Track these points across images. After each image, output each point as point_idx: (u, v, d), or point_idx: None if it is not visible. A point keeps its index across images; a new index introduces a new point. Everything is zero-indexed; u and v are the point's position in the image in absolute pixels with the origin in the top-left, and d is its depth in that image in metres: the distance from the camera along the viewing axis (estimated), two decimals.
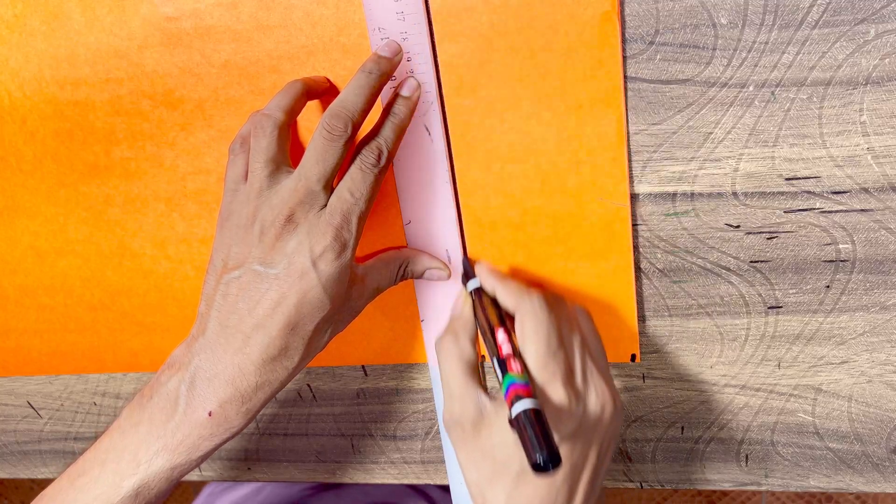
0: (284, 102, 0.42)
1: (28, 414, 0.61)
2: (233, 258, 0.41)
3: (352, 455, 0.57)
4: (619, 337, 0.48)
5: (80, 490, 0.42)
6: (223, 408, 0.41)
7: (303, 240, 0.39)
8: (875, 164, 0.42)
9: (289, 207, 0.39)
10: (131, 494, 0.41)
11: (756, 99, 0.42)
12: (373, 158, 0.41)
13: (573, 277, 0.47)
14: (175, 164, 0.49)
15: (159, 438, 0.41)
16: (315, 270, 0.39)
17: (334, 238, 0.39)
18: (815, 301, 0.46)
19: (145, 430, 0.41)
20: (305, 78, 0.43)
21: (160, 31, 0.45)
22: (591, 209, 0.45)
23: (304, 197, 0.40)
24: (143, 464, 0.41)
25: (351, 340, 0.52)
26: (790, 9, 0.40)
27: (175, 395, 0.41)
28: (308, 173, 0.40)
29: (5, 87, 0.48)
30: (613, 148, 0.43)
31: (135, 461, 0.41)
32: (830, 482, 0.51)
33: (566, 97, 0.43)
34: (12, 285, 0.55)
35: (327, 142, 0.40)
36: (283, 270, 0.39)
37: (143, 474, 0.41)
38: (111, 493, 0.41)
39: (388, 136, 0.41)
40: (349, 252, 0.40)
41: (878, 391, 0.48)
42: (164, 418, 0.41)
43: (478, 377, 0.43)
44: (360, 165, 0.40)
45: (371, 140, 0.41)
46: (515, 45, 0.42)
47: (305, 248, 0.39)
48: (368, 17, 0.42)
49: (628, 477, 0.54)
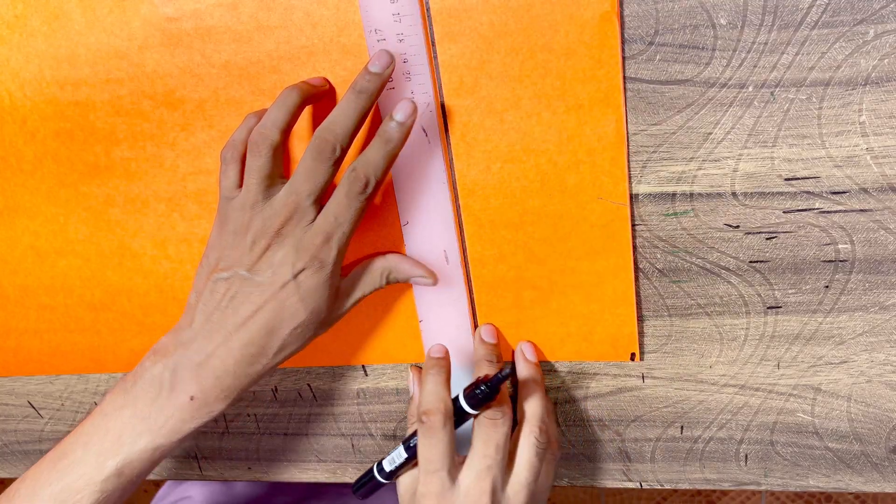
0: (280, 119, 0.43)
1: (29, 414, 0.61)
2: (224, 259, 0.44)
3: (352, 455, 0.57)
4: (618, 336, 0.48)
5: (63, 471, 0.44)
6: (204, 393, 0.44)
7: (288, 253, 0.42)
8: (874, 164, 0.42)
9: (279, 221, 0.42)
10: (115, 473, 0.43)
11: (755, 99, 0.42)
12: (359, 186, 0.42)
13: (573, 277, 0.47)
14: (175, 165, 0.49)
15: (143, 420, 0.44)
16: (295, 283, 0.43)
17: (315, 256, 0.43)
18: (815, 301, 0.46)
19: (129, 413, 0.44)
20: (302, 84, 0.44)
21: (161, 32, 0.45)
22: (591, 209, 0.45)
23: (294, 212, 0.42)
24: (127, 444, 0.44)
25: (351, 340, 0.52)
26: (789, 9, 0.40)
27: (160, 380, 0.44)
28: (298, 189, 0.42)
29: (6, 87, 0.48)
30: (613, 148, 0.43)
31: (118, 442, 0.44)
32: (830, 482, 0.52)
33: (566, 97, 0.43)
34: (13, 285, 0.55)
35: (317, 162, 0.42)
36: (267, 279, 0.43)
37: (126, 454, 0.44)
38: (94, 473, 0.43)
39: (378, 164, 0.43)
40: (328, 269, 0.43)
41: (878, 391, 0.48)
42: (149, 401, 0.44)
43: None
44: (346, 192, 0.42)
45: (360, 167, 0.42)
46: (515, 46, 0.42)
47: (289, 262, 0.42)
48: (365, 18, 0.43)
49: (628, 477, 0.54)
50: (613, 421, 0.52)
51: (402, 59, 0.43)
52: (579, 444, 0.53)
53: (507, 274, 0.48)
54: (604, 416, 0.52)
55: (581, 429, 0.53)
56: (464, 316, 0.49)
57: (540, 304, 0.48)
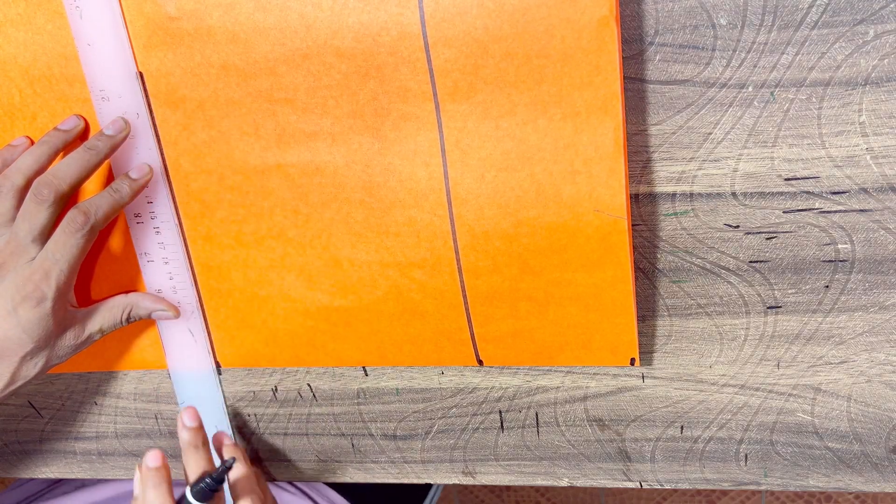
0: (27, 167, 0.47)
1: (29, 413, 0.61)
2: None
3: (352, 455, 0.57)
4: (617, 343, 0.48)
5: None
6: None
7: (8, 286, 0.46)
8: (874, 164, 0.42)
9: (2, 257, 0.46)
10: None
11: (755, 99, 0.42)
12: (79, 222, 0.45)
13: (569, 289, 0.47)
14: (177, 164, 0.49)
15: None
16: (15, 315, 0.46)
17: (33, 290, 0.46)
18: (815, 301, 0.46)
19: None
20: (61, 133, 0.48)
21: (162, 31, 0.46)
22: (588, 221, 0.44)
23: (14, 249, 0.46)
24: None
25: (351, 340, 0.52)
26: (789, 9, 0.40)
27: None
28: (17, 229, 0.46)
29: (16, 84, 0.49)
30: (611, 158, 0.43)
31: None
32: (829, 482, 0.52)
33: (563, 104, 0.42)
34: None
35: (33, 204, 0.45)
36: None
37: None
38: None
39: (100, 206, 0.46)
40: (49, 303, 0.46)
41: (878, 391, 0.48)
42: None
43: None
44: (65, 228, 0.46)
45: (82, 205, 0.46)
46: (511, 51, 0.42)
47: (9, 294, 0.46)
48: (89, 79, 0.47)
49: (628, 477, 0.54)
50: (613, 421, 0.52)
51: (134, 117, 0.47)
52: (579, 444, 0.53)
53: (502, 285, 0.47)
54: (603, 416, 0.52)
55: (581, 429, 0.53)
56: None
57: (536, 315, 0.48)
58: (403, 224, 0.47)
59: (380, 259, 0.49)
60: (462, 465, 0.56)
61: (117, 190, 0.47)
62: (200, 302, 0.52)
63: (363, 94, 0.45)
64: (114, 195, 0.47)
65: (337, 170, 0.47)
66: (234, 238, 0.50)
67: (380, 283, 0.49)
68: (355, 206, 0.47)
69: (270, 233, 0.49)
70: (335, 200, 0.48)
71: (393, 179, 0.46)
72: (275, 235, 0.49)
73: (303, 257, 0.50)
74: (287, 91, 0.45)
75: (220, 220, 0.50)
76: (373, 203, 0.47)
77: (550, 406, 0.52)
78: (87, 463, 0.62)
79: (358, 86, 0.44)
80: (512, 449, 0.54)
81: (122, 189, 0.47)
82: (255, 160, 0.48)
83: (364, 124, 0.45)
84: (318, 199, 0.48)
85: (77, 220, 0.45)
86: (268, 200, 0.48)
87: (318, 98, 0.45)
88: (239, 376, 0.56)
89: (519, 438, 0.54)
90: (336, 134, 0.46)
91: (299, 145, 0.47)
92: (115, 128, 0.47)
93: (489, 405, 0.53)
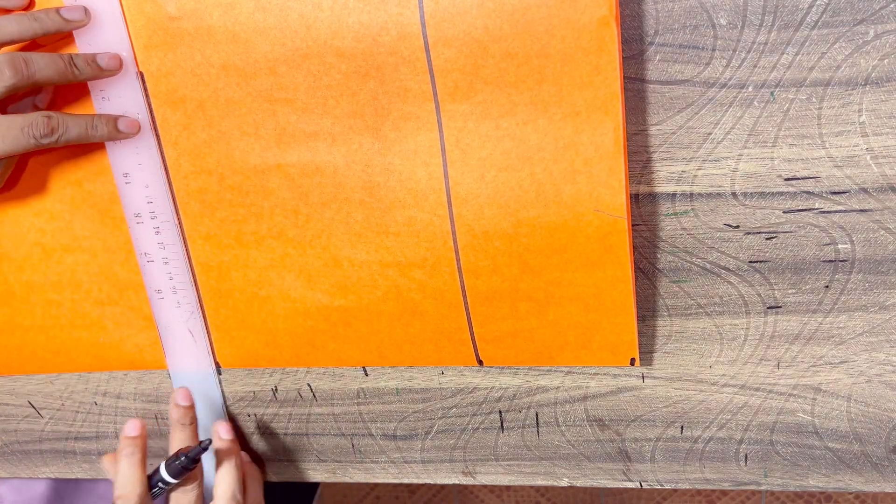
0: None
1: (29, 413, 0.61)
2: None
3: (352, 455, 0.57)
4: (617, 343, 0.48)
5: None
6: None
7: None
8: (874, 164, 0.42)
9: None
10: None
11: (755, 99, 0.42)
12: (42, 130, 0.44)
13: (569, 289, 0.47)
14: (178, 164, 0.49)
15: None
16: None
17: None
18: (815, 301, 0.46)
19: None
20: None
21: (163, 31, 0.46)
22: (588, 221, 0.44)
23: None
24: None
25: (351, 340, 0.52)
26: (789, 9, 0.40)
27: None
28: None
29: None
30: (611, 157, 0.43)
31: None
32: (829, 482, 0.52)
33: (563, 104, 0.42)
34: (18, 282, 0.55)
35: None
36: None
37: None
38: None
39: (70, 127, 0.45)
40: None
41: (877, 391, 0.48)
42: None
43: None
44: (26, 123, 0.44)
45: (54, 115, 0.45)
46: (511, 51, 0.42)
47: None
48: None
49: (628, 477, 0.54)
50: (613, 421, 0.52)
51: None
52: (579, 444, 0.53)
53: (502, 285, 0.48)
54: (603, 416, 0.52)
55: (581, 429, 0.53)
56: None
57: (536, 315, 0.48)
58: (403, 224, 0.47)
59: (380, 259, 0.49)
60: (462, 465, 0.56)
61: (94, 126, 0.46)
62: (200, 302, 0.52)
63: (363, 94, 0.45)
64: (89, 128, 0.46)
65: (337, 170, 0.47)
66: (234, 238, 0.50)
67: (380, 282, 0.49)
68: (355, 206, 0.47)
69: (270, 233, 0.49)
70: (335, 200, 0.48)
71: (393, 179, 0.46)
72: (275, 235, 0.49)
73: (303, 257, 0.50)
74: (287, 91, 0.45)
75: (220, 220, 0.50)
76: (373, 203, 0.47)
77: (550, 406, 0.52)
78: (87, 463, 0.62)
79: (358, 86, 0.45)
80: (512, 449, 0.54)
81: (99, 127, 0.46)
82: (255, 160, 0.48)
83: (364, 124, 0.45)
84: (318, 199, 0.48)
85: (41, 127, 0.44)
86: (268, 200, 0.48)
87: (318, 98, 0.45)
88: (239, 376, 0.56)
89: (519, 438, 0.54)
90: (336, 134, 0.46)
91: (299, 145, 0.47)
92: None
93: (489, 405, 0.53)
